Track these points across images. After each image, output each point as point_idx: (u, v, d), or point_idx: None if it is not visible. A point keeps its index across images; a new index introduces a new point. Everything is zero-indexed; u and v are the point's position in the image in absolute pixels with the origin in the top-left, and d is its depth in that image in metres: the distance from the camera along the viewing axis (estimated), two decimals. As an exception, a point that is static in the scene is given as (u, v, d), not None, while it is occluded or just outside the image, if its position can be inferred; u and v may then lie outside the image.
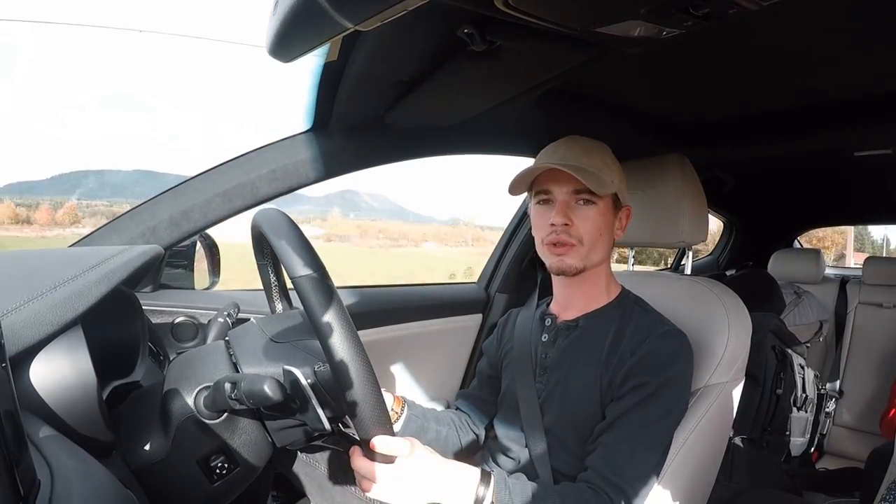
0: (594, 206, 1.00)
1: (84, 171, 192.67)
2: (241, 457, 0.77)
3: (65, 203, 54.12)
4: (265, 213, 0.78)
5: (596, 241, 1.00)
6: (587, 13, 0.69)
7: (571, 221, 0.99)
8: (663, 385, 0.93)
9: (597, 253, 1.02)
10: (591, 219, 1.00)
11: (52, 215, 44.79)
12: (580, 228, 0.99)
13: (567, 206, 0.99)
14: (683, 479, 1.00)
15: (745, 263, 2.95)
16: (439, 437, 1.12)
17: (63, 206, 49.61)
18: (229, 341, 0.84)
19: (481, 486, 0.84)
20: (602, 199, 1.00)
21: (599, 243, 1.01)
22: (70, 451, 0.53)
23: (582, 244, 1.00)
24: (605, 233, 1.02)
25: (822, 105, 1.27)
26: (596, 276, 1.06)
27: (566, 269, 1.01)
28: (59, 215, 44.95)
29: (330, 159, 1.19)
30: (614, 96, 1.28)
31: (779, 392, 1.77)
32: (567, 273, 1.01)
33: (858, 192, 2.47)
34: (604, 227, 1.01)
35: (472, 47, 0.79)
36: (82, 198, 75.76)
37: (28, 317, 0.58)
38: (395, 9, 0.56)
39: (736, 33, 0.91)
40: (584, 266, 1.01)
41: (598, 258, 1.02)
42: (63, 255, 0.75)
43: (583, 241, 0.99)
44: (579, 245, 1.00)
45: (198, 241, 1.30)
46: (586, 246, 1.00)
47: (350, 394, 0.67)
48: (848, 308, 2.44)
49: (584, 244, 1.00)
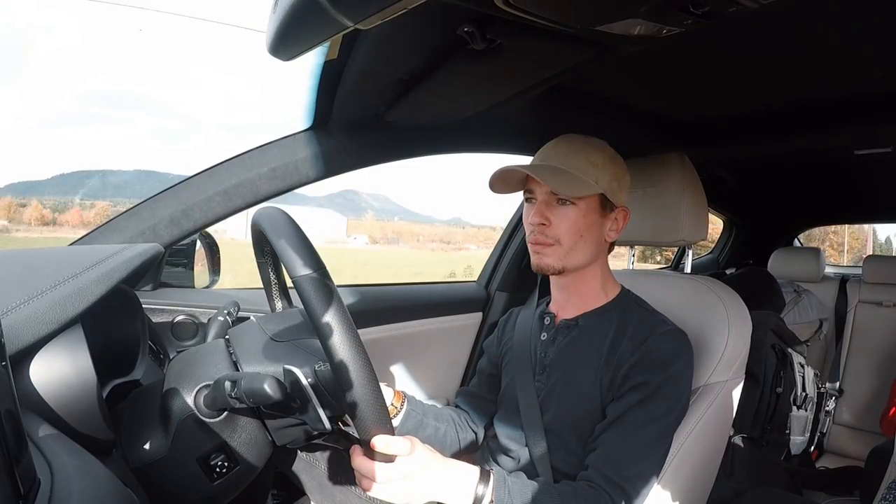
0: (573, 207, 0.99)
1: (87, 171, 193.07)
2: (241, 455, 0.77)
3: (69, 202, 54.14)
4: (265, 212, 0.78)
5: (576, 242, 0.99)
6: (587, 12, 0.69)
7: (549, 221, 0.99)
8: (664, 384, 0.93)
9: (578, 253, 1.01)
10: (570, 219, 0.99)
11: (82, 216, 44.43)
12: (558, 228, 0.99)
13: (546, 205, 1.00)
14: (683, 478, 1.00)
15: (745, 262, 2.95)
16: (437, 434, 1.12)
17: (94, 207, 49.43)
18: (229, 340, 0.84)
19: (480, 485, 0.84)
20: (582, 200, 0.99)
21: (581, 244, 1.00)
22: (70, 450, 0.53)
23: (560, 244, 0.99)
24: (588, 234, 1.00)
25: (823, 103, 1.27)
26: (588, 276, 1.05)
27: (544, 267, 1.01)
28: (91, 216, 44.59)
29: (330, 157, 1.19)
30: (614, 95, 1.28)
31: (779, 390, 1.77)
32: (546, 271, 1.02)
33: (858, 190, 2.46)
34: (585, 228, 1.00)
35: (472, 46, 0.79)
36: (85, 198, 75.87)
37: (28, 315, 0.58)
38: (395, 7, 0.56)
39: (736, 31, 0.91)
40: (564, 266, 1.00)
41: (581, 259, 1.01)
42: (63, 253, 0.75)
43: (560, 241, 0.99)
44: (557, 245, 0.99)
45: (198, 240, 1.30)
46: (564, 246, 0.99)
47: (350, 393, 0.67)
48: (848, 306, 2.44)
49: (563, 244, 0.99)
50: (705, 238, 1.28)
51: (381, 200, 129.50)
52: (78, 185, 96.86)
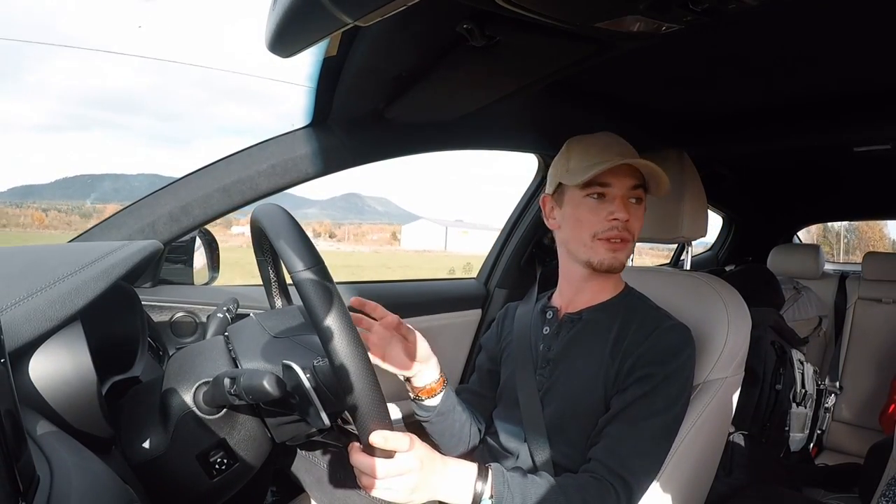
0: (642, 205, 1.02)
1: (91, 174, 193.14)
2: (240, 452, 0.77)
3: (83, 206, 53.68)
4: (264, 209, 0.78)
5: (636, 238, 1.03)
6: (587, 8, 0.69)
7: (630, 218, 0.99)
8: (668, 377, 0.94)
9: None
10: (640, 217, 1.02)
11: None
12: (634, 225, 1.00)
13: (626, 202, 0.99)
14: (683, 474, 1.00)
15: (744, 259, 2.95)
16: (461, 424, 1.12)
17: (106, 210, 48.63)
18: (228, 337, 0.84)
19: (479, 482, 0.84)
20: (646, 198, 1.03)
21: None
22: (69, 447, 0.53)
23: (633, 241, 1.02)
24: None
25: (822, 100, 1.27)
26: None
27: (618, 265, 1.01)
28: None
29: (329, 154, 1.19)
30: (614, 92, 1.28)
31: (778, 387, 1.77)
32: (616, 270, 1.02)
33: (858, 187, 2.46)
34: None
35: (471, 42, 0.79)
36: (96, 202, 75.73)
37: (27, 312, 0.58)
38: (394, 4, 0.56)
39: (735, 28, 0.91)
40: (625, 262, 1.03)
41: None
42: (62, 250, 0.75)
43: (634, 237, 1.02)
44: (631, 241, 1.01)
45: (197, 237, 1.29)
46: (633, 243, 1.02)
47: (349, 389, 0.67)
48: (847, 303, 2.44)
49: (633, 241, 1.02)
50: (705, 235, 1.29)
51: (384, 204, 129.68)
52: (84, 188, 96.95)
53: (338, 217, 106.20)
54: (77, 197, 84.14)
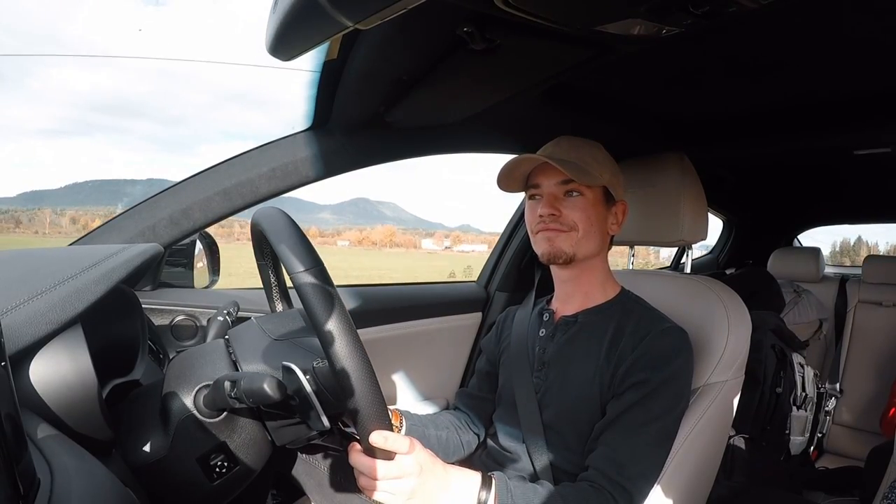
0: (582, 198, 1.02)
1: (100, 180, 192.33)
2: (240, 456, 0.77)
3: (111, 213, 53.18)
4: (265, 212, 0.78)
5: (588, 228, 1.02)
6: (587, 11, 0.69)
7: (559, 211, 1.01)
8: (664, 382, 0.93)
9: (590, 242, 1.03)
10: (580, 208, 1.02)
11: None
12: (571, 217, 1.01)
13: (555, 197, 1.02)
14: (683, 478, 1.00)
15: (745, 262, 2.95)
16: (440, 441, 1.12)
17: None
18: (229, 340, 0.84)
19: (483, 491, 0.83)
20: (590, 190, 1.02)
21: (592, 232, 1.03)
22: (70, 450, 0.52)
23: (576, 230, 1.01)
24: (597, 224, 1.03)
25: (823, 103, 1.27)
26: (592, 270, 1.07)
27: (556, 252, 1.02)
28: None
29: (330, 158, 1.19)
30: (614, 95, 1.28)
31: (778, 391, 1.77)
32: (558, 258, 1.02)
33: (858, 190, 2.46)
34: (595, 219, 1.03)
35: (471, 46, 0.79)
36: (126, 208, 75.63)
37: (28, 315, 0.57)
38: (394, 7, 0.56)
39: (735, 31, 0.91)
40: (575, 253, 1.02)
41: (590, 248, 1.04)
42: (62, 253, 0.75)
43: (577, 226, 1.01)
44: (573, 231, 1.01)
45: (197, 240, 1.30)
46: (580, 232, 1.02)
47: (349, 391, 0.67)
48: (848, 306, 2.44)
49: (579, 230, 1.02)
50: (705, 238, 1.29)
51: (393, 209, 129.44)
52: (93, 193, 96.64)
53: (346, 222, 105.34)
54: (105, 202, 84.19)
